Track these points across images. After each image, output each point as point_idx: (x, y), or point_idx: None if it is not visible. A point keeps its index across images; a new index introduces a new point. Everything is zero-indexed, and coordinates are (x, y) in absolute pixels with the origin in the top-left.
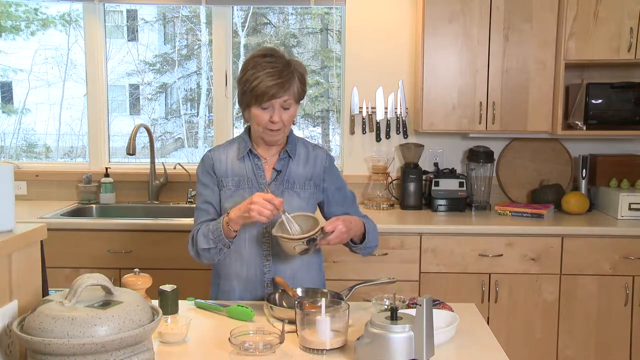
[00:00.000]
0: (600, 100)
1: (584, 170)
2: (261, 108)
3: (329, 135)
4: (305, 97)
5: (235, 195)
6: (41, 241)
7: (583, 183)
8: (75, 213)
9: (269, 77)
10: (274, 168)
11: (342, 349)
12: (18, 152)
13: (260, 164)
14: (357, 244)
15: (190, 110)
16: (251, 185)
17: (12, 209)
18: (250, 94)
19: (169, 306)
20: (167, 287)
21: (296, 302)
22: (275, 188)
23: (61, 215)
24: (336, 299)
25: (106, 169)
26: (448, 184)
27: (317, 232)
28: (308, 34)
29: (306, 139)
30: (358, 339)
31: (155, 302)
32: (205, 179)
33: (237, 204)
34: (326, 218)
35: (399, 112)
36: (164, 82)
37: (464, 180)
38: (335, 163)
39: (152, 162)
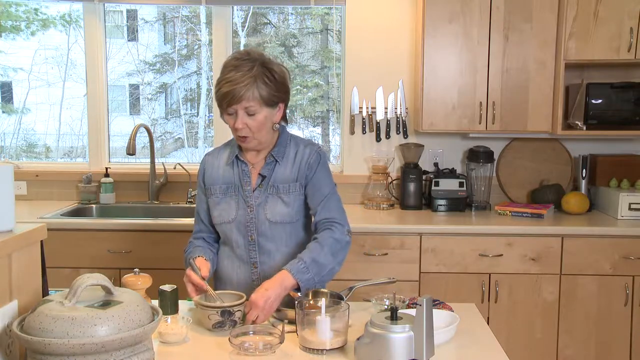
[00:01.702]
0: (600, 100)
1: (584, 170)
2: (227, 114)
3: (329, 136)
4: (288, 99)
5: (222, 202)
6: (41, 241)
7: (583, 183)
8: (75, 213)
9: (227, 83)
10: (259, 173)
11: (342, 349)
12: (18, 152)
13: (247, 170)
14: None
15: (190, 110)
16: (237, 192)
17: (12, 209)
18: (216, 99)
19: (169, 306)
20: (167, 287)
21: (296, 302)
22: (259, 194)
23: (61, 215)
24: (336, 299)
25: (106, 169)
26: (448, 184)
27: (233, 306)
28: (308, 34)
29: (303, 137)
30: (358, 339)
31: (155, 302)
32: (199, 186)
33: (223, 211)
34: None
35: (399, 112)
36: (164, 82)
37: (464, 180)
38: (328, 161)
39: (152, 162)
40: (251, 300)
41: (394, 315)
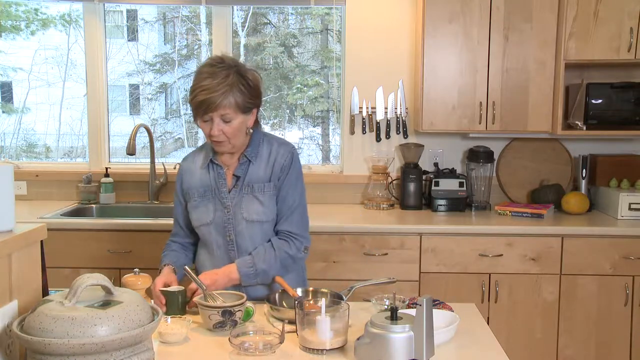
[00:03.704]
0: (600, 100)
1: (584, 170)
2: (202, 121)
3: (329, 136)
4: (261, 103)
5: (201, 205)
6: (41, 241)
7: (583, 183)
8: (75, 213)
9: (202, 91)
10: (233, 174)
11: (342, 349)
12: (18, 152)
13: (222, 172)
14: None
15: (190, 110)
16: (214, 194)
17: (12, 209)
18: (192, 107)
19: (176, 307)
20: (175, 289)
21: (296, 302)
22: (235, 194)
23: (61, 215)
24: (336, 299)
25: (106, 169)
26: (448, 184)
27: (234, 306)
28: (308, 34)
29: (275, 135)
30: (358, 339)
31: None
32: (175, 192)
33: (202, 214)
34: None
35: (399, 112)
36: (164, 82)
37: (464, 180)
38: (302, 162)
39: (152, 162)
40: (200, 278)
41: (394, 315)
